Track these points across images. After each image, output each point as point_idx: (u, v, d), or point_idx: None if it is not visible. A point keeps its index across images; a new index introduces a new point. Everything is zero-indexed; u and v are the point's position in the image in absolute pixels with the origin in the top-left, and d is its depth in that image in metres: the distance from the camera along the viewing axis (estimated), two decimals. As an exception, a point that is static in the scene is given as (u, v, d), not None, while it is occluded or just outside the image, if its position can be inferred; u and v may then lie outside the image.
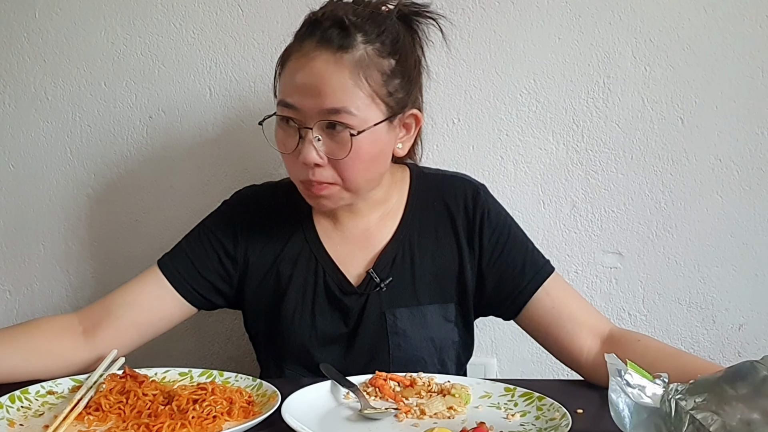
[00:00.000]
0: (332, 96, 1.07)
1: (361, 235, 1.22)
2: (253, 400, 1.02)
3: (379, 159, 1.14)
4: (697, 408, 0.77)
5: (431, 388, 1.07)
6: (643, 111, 1.46)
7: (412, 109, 1.16)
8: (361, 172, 1.12)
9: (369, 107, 1.09)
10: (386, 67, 1.11)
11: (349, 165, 1.10)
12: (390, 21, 1.13)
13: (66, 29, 1.51)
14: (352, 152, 1.08)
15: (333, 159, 1.10)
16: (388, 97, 1.11)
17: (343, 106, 1.07)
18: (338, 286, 1.20)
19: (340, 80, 1.07)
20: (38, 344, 1.14)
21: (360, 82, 1.08)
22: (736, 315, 1.49)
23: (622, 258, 1.49)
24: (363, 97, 1.08)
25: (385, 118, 1.11)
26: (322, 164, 1.10)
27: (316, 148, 1.09)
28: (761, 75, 1.44)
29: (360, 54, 1.08)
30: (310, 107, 1.08)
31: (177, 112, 1.51)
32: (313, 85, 1.08)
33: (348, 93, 1.08)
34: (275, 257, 1.22)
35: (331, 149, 1.09)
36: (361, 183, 1.14)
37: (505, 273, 1.20)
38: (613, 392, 0.84)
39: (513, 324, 1.50)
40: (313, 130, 1.09)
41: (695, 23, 1.43)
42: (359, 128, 1.08)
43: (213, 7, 1.49)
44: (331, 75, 1.07)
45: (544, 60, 1.46)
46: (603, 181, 1.47)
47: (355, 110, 1.08)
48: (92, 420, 0.97)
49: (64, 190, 1.55)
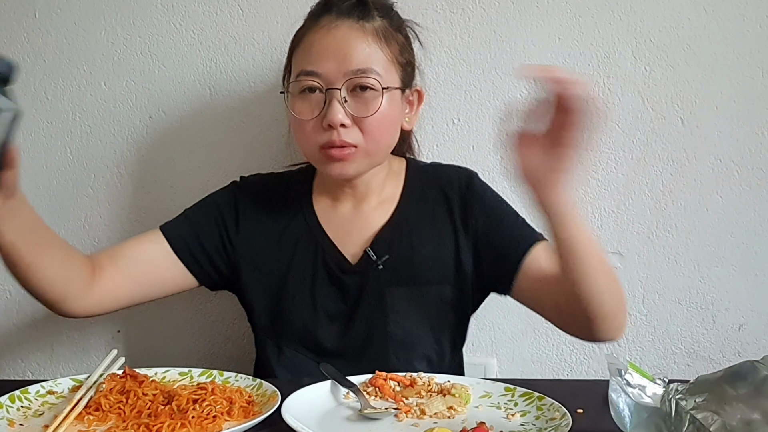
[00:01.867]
0: (358, 57, 1.14)
1: (359, 217, 1.25)
2: (253, 400, 1.02)
3: (396, 125, 1.21)
4: (698, 408, 0.77)
5: (431, 388, 1.07)
6: (643, 111, 1.46)
7: (418, 86, 1.24)
8: (383, 132, 1.18)
9: (390, 71, 1.17)
10: (399, 39, 1.20)
11: (374, 124, 1.15)
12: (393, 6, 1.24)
13: (66, 29, 1.51)
14: (380, 110, 1.14)
15: (358, 119, 1.15)
16: (402, 66, 1.20)
17: (370, 66, 1.14)
18: (337, 265, 1.23)
19: (364, 43, 1.15)
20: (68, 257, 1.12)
21: (382, 47, 1.17)
22: (736, 315, 1.49)
23: (622, 258, 1.49)
24: (385, 61, 1.17)
25: (401, 87, 1.19)
26: (347, 125, 1.14)
27: (345, 108, 1.13)
28: (761, 75, 1.44)
29: (379, 24, 1.18)
30: (335, 71, 1.14)
31: (177, 112, 1.51)
32: (339, 48, 1.14)
33: (373, 55, 1.15)
34: (277, 241, 1.25)
35: (357, 109, 1.15)
36: (381, 146, 1.19)
37: (498, 248, 1.22)
38: (613, 392, 0.84)
39: (513, 324, 1.51)
40: (341, 90, 1.14)
41: (695, 23, 1.43)
42: (384, 86, 1.15)
43: (213, 7, 1.49)
44: (356, 38, 1.15)
45: (544, 60, 1.45)
46: (603, 181, 1.48)
47: (381, 70, 1.15)
48: (92, 420, 0.97)
49: (64, 190, 1.55)
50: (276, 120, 1.49)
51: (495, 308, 1.50)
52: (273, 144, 1.49)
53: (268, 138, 1.50)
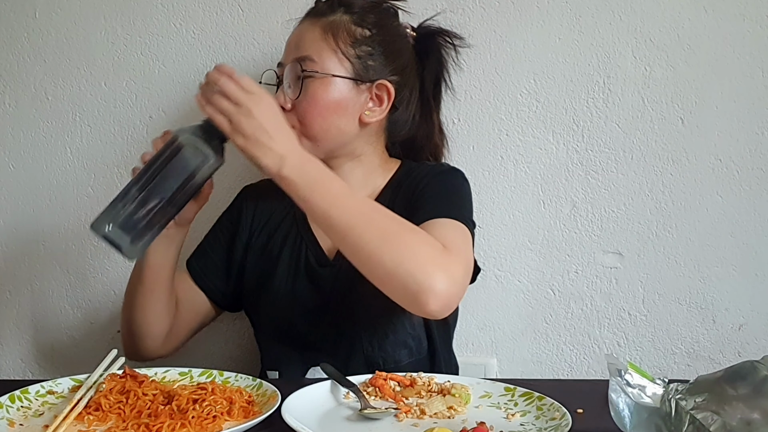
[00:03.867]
0: (301, 46, 1.22)
1: None
2: (253, 400, 1.02)
3: (337, 112, 1.22)
4: (698, 408, 0.77)
5: (431, 388, 1.07)
6: (643, 111, 1.46)
7: (384, 81, 1.24)
8: (316, 117, 1.21)
9: (331, 59, 1.21)
10: (358, 33, 1.23)
11: (305, 108, 1.20)
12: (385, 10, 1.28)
13: (66, 29, 1.51)
14: (308, 96, 1.20)
15: (294, 102, 1.21)
16: (355, 58, 1.22)
17: (308, 54, 1.21)
18: (316, 259, 1.27)
19: (310, 35, 1.23)
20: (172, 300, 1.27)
21: (327, 38, 1.22)
22: (736, 315, 1.49)
23: (622, 258, 1.49)
24: (326, 50, 1.21)
25: (350, 78, 1.22)
26: (287, 108, 1.20)
27: (284, 94, 1.21)
28: (761, 75, 1.44)
29: (334, 18, 1.23)
30: (287, 61, 1.23)
31: (177, 112, 1.51)
32: (292, 41, 1.25)
33: (314, 44, 1.21)
34: (269, 239, 1.31)
35: (293, 93, 1.21)
36: (317, 130, 1.22)
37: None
38: (613, 392, 0.84)
39: (513, 324, 1.51)
40: (283, 76, 1.22)
41: (695, 23, 1.43)
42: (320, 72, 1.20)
43: (213, 7, 1.49)
44: (306, 31, 1.24)
45: (544, 60, 1.46)
46: (603, 181, 1.47)
47: (316, 58, 1.20)
48: (92, 420, 0.97)
49: (64, 190, 1.55)
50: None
51: (495, 308, 1.51)
52: (273, 144, 1.49)
53: (268, 138, 1.50)
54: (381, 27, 1.25)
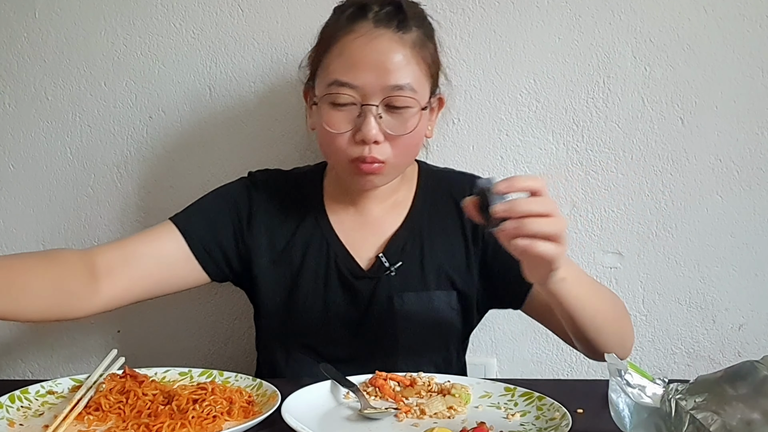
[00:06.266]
0: (397, 72, 1.10)
1: (372, 221, 1.24)
2: (253, 400, 1.02)
3: (423, 138, 1.19)
4: (698, 408, 0.77)
5: (431, 388, 1.07)
6: (643, 111, 1.46)
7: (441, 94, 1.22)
8: (413, 148, 1.17)
9: (424, 86, 1.15)
10: (431, 50, 1.17)
11: (406, 142, 1.13)
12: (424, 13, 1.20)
13: (66, 29, 1.51)
14: (417, 129, 1.13)
15: (392, 135, 1.12)
16: (433, 78, 1.18)
17: (407, 82, 1.11)
18: (350, 270, 1.22)
19: (404, 58, 1.11)
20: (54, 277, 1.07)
21: (419, 61, 1.13)
22: (736, 315, 1.49)
23: (622, 258, 1.49)
24: (421, 76, 1.14)
25: (429, 99, 1.17)
26: (381, 141, 1.12)
27: (380, 125, 1.11)
28: (761, 75, 1.44)
29: (416, 35, 1.14)
30: (372, 84, 1.10)
31: (177, 112, 1.51)
32: (378, 62, 1.10)
33: (411, 70, 1.12)
34: (287, 241, 1.23)
35: (392, 126, 1.12)
36: (409, 160, 1.20)
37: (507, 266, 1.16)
38: (613, 392, 0.84)
39: (513, 324, 1.51)
40: (378, 106, 1.11)
41: (695, 23, 1.43)
42: (421, 105, 1.13)
43: (213, 7, 1.49)
44: (396, 53, 1.11)
45: (544, 60, 1.46)
46: (603, 181, 1.47)
47: (417, 87, 1.12)
48: (92, 420, 0.97)
49: (64, 190, 1.55)
50: (276, 120, 1.49)
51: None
52: (273, 143, 1.50)
53: (268, 137, 1.50)
54: (433, 35, 1.20)
